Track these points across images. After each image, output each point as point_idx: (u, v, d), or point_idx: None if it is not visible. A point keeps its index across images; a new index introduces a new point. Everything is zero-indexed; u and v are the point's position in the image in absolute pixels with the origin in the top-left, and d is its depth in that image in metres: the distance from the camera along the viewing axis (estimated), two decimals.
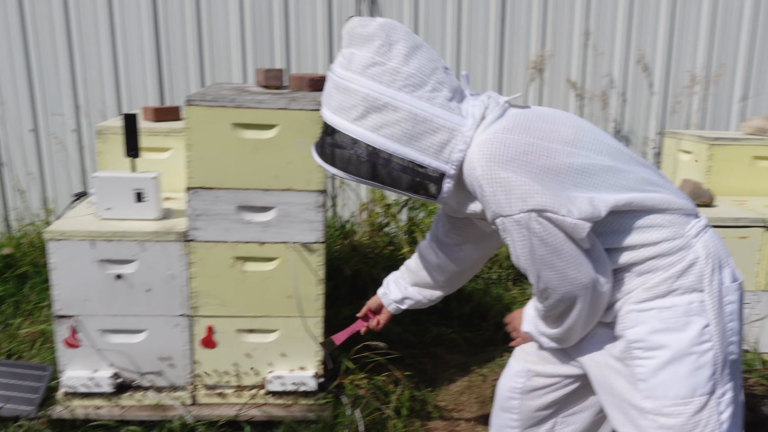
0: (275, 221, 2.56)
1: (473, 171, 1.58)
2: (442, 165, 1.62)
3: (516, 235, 1.58)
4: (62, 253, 2.51)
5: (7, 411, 2.63)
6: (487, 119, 1.64)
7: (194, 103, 2.42)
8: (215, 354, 2.68)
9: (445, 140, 1.60)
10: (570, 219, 1.53)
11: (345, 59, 1.62)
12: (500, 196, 1.55)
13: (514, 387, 2.00)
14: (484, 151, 1.57)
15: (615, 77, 4.66)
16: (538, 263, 1.60)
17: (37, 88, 4.35)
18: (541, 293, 1.68)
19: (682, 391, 1.62)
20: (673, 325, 1.63)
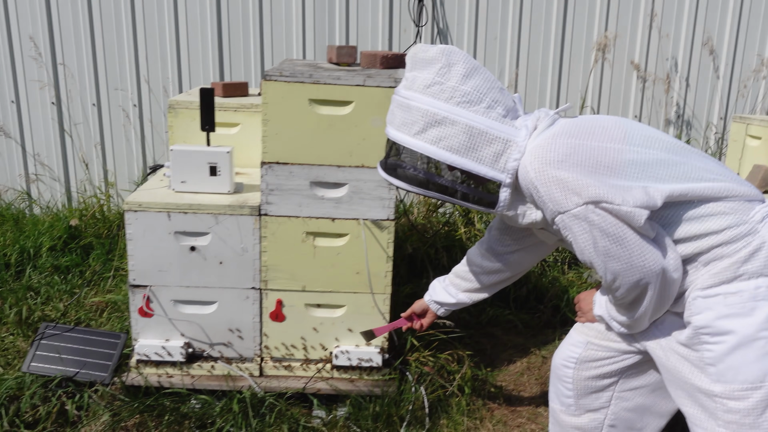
0: (347, 197, 2.57)
1: (527, 174, 1.67)
2: (498, 174, 1.72)
3: (577, 229, 1.64)
4: (139, 224, 2.56)
5: (83, 376, 2.71)
6: (538, 129, 1.73)
7: (272, 78, 2.43)
8: (283, 327, 2.72)
9: (501, 150, 1.70)
10: (625, 207, 1.57)
11: (408, 81, 1.76)
12: (556, 194, 1.62)
13: (569, 356, 2.03)
14: (536, 154, 1.66)
15: (679, 60, 4.56)
16: (602, 255, 1.65)
17: (100, 63, 4.42)
18: (609, 285, 1.72)
19: (752, 376, 1.63)
20: (740, 311, 1.64)
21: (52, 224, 4.11)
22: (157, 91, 4.48)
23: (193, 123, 3.04)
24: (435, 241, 3.93)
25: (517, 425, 2.79)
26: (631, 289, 1.68)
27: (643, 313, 1.75)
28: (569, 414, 2.06)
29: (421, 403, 2.71)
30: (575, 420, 2.05)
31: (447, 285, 2.38)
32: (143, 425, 2.58)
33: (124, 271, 3.74)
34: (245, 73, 4.47)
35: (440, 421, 2.72)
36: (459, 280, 2.34)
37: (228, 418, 2.55)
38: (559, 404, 2.09)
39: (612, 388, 2.00)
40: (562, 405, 2.08)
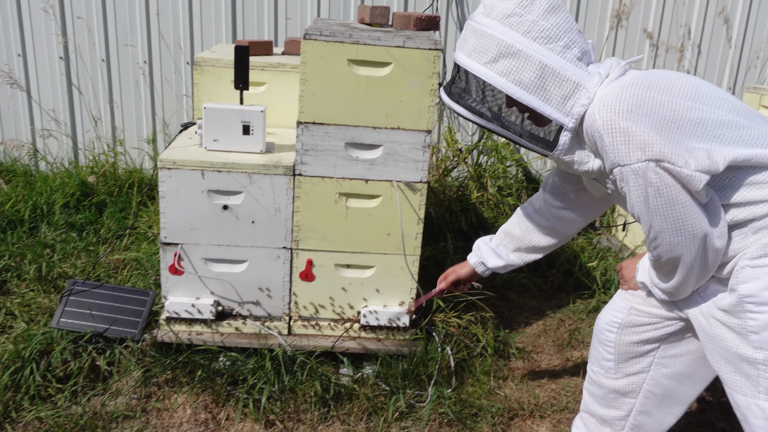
0: (381, 159, 2.58)
1: (594, 122, 1.64)
2: (562, 117, 1.69)
3: (633, 184, 1.63)
4: (173, 181, 2.55)
5: (113, 332, 2.72)
6: (610, 77, 1.70)
7: (312, 37, 2.41)
8: (312, 287, 2.75)
9: (569, 93, 1.67)
10: (686, 170, 1.57)
11: (486, 8, 1.71)
12: (620, 146, 1.60)
13: (612, 320, 2.05)
14: (605, 102, 1.63)
15: (692, 29, 4.58)
16: (651, 213, 1.64)
17: (110, 17, 4.34)
18: (651, 242, 1.73)
19: None
20: None
21: (64, 181, 4.08)
22: (167, 48, 4.41)
23: (219, 81, 3.02)
24: (450, 205, 3.96)
25: (538, 385, 2.86)
26: (670, 249, 1.69)
27: (684, 278, 1.75)
28: (608, 377, 2.09)
29: (447, 362, 2.76)
30: (614, 383, 2.08)
31: (497, 245, 2.37)
32: (174, 381, 2.61)
33: (141, 229, 3.74)
34: (258, 32, 4.41)
35: (466, 380, 2.78)
36: (509, 240, 2.33)
37: (260, 375, 2.59)
38: (598, 367, 2.11)
39: (653, 354, 2.02)
40: (601, 368, 2.10)
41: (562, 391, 2.82)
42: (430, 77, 2.48)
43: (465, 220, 3.90)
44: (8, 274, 3.25)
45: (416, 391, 2.65)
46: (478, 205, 4.16)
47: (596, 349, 2.12)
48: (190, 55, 4.44)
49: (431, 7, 4.38)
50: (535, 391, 2.80)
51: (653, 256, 1.77)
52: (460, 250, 3.77)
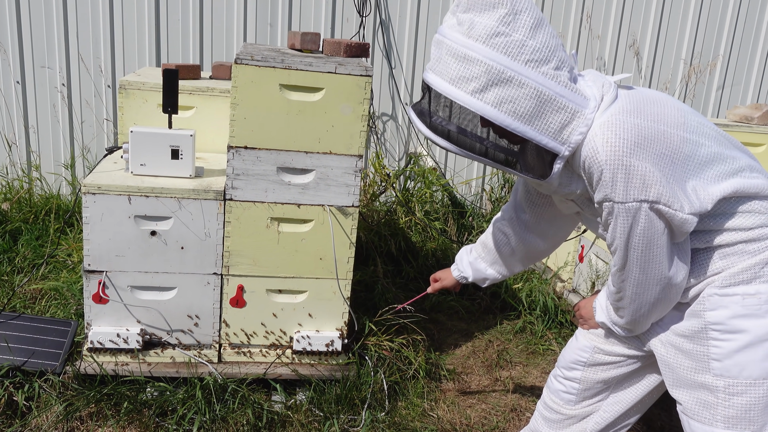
0: (313, 183, 2.59)
1: (595, 155, 1.55)
2: (558, 146, 1.58)
3: (621, 220, 1.59)
4: (97, 207, 2.48)
5: (32, 365, 2.60)
6: (605, 101, 1.60)
7: (243, 62, 2.41)
8: (243, 313, 2.71)
9: (566, 121, 1.56)
10: (681, 214, 1.55)
11: (464, 26, 1.52)
12: (619, 183, 1.54)
13: (578, 359, 2.04)
14: (609, 135, 1.54)
15: (606, 60, 4.82)
16: (630, 249, 1.62)
17: (26, 39, 4.19)
18: (618, 274, 1.71)
19: (756, 373, 1.65)
20: (756, 312, 1.65)
21: None
22: (87, 70, 4.29)
23: (144, 105, 2.96)
24: (379, 229, 3.99)
25: (469, 405, 2.90)
26: (636, 285, 1.69)
27: (644, 314, 1.75)
28: (567, 407, 2.09)
29: (380, 386, 2.77)
30: (571, 411, 2.08)
31: (475, 259, 2.28)
32: (99, 415, 2.50)
33: (60, 257, 3.59)
34: (183, 56, 4.36)
35: (398, 403, 2.79)
36: (486, 252, 2.24)
37: (190, 405, 2.52)
38: (557, 398, 2.10)
39: (608, 388, 2.04)
40: (561, 399, 2.09)
41: (492, 411, 2.87)
42: (361, 103, 2.52)
43: (394, 244, 3.94)
44: None
45: (350, 416, 2.64)
46: (406, 230, 4.21)
47: (559, 382, 2.10)
48: (111, 78, 4.33)
49: (357, 34, 4.44)
50: (467, 412, 2.83)
51: (615, 288, 1.76)
52: (389, 274, 3.80)
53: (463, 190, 4.82)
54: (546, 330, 3.56)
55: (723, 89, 5.02)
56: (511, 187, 4.71)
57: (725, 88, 5.02)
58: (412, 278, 3.96)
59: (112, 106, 4.37)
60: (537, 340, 3.49)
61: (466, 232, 4.49)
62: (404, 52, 4.56)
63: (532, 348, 3.43)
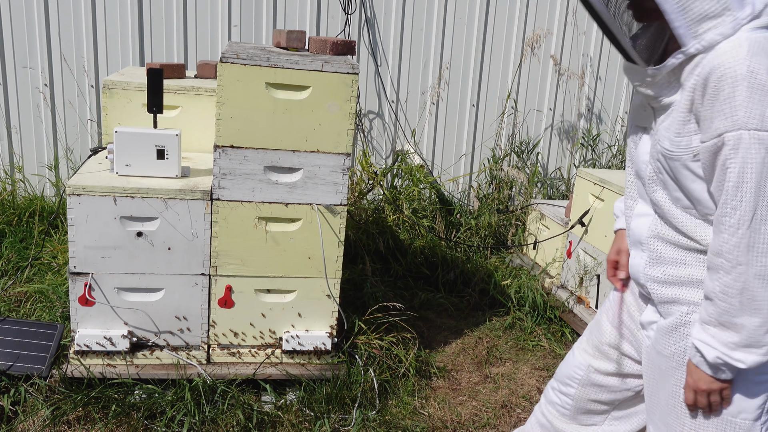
0: (301, 182, 2.57)
1: (735, 66, 1.32)
2: (687, 37, 1.38)
3: (753, 155, 1.33)
4: (82, 208, 2.45)
5: (17, 369, 2.56)
6: (762, 19, 1.39)
7: (229, 60, 2.39)
8: (232, 313, 2.69)
9: (712, 13, 1.36)
10: None
11: None
12: (755, 106, 1.31)
13: (573, 376, 1.97)
14: (757, 51, 1.32)
15: (592, 55, 4.83)
16: (761, 197, 1.34)
17: (7, 38, 4.14)
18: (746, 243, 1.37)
19: (728, 408, 1.54)
20: None
21: None
22: (70, 70, 4.24)
23: (129, 105, 2.93)
24: (367, 227, 3.98)
25: (459, 402, 2.90)
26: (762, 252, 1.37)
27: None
28: (563, 421, 2.03)
29: (370, 384, 2.76)
30: (566, 427, 2.03)
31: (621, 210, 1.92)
32: (87, 418, 2.48)
33: (45, 259, 3.55)
34: (167, 55, 4.32)
35: (389, 401, 2.78)
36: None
37: (179, 406, 2.50)
38: (554, 409, 2.04)
39: (607, 413, 1.98)
40: (557, 411, 2.04)
41: (483, 408, 2.87)
42: (348, 101, 2.51)
43: (382, 242, 3.93)
44: None
45: (341, 415, 2.63)
46: (394, 227, 4.20)
47: (555, 394, 2.04)
48: (94, 77, 4.28)
49: (343, 32, 4.43)
50: (457, 409, 2.83)
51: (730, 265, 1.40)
52: (378, 272, 3.79)
53: (451, 188, 4.82)
54: (535, 326, 3.57)
55: None
56: (498, 184, 4.71)
57: None
58: (400, 276, 3.95)
59: (95, 106, 4.32)
60: (526, 336, 3.49)
61: (454, 229, 4.49)
62: (390, 50, 4.55)
63: (522, 344, 3.44)
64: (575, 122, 4.95)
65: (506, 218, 4.55)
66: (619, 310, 1.86)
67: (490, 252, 4.37)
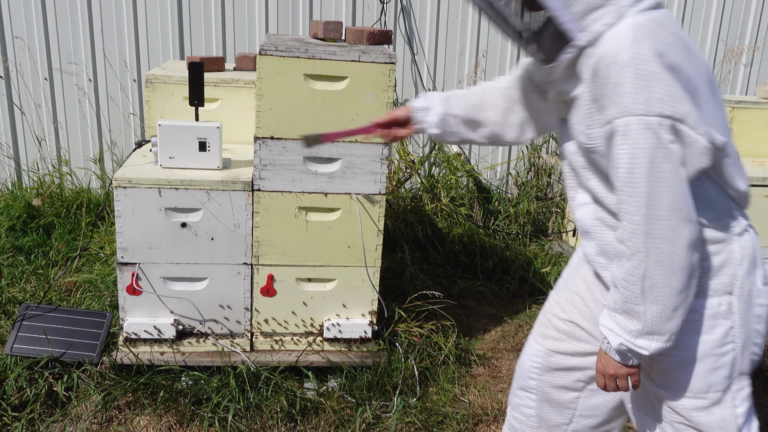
0: (340, 172, 2.60)
1: (619, 54, 1.33)
2: (575, 30, 1.39)
3: (642, 141, 1.33)
4: (128, 200, 2.52)
5: (70, 356, 2.66)
6: (644, 3, 1.40)
7: (267, 53, 2.42)
8: (274, 302, 2.74)
9: (595, 5, 1.37)
10: (703, 140, 1.35)
11: None
12: (641, 91, 1.31)
13: (532, 366, 1.89)
14: (640, 36, 1.33)
15: None
16: (654, 182, 1.35)
17: (53, 36, 4.25)
18: (643, 229, 1.38)
19: (697, 387, 1.57)
20: (698, 328, 1.54)
21: (9, 204, 3.95)
22: (113, 65, 4.34)
23: (171, 98, 2.99)
24: (405, 216, 4.00)
25: (500, 390, 2.91)
26: (664, 238, 1.37)
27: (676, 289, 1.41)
28: (530, 427, 1.95)
29: (411, 372, 2.79)
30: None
31: (448, 103, 1.90)
32: (136, 404, 2.56)
33: (93, 250, 3.66)
34: (206, 48, 4.38)
35: (430, 389, 2.81)
36: (463, 107, 1.90)
37: (224, 393, 2.56)
38: (519, 413, 1.97)
39: (574, 405, 1.89)
40: (522, 415, 1.96)
41: None
42: (386, 90, 2.52)
43: (420, 231, 3.94)
44: None
45: (382, 402, 2.66)
46: (432, 216, 4.21)
47: (517, 395, 1.97)
48: (136, 72, 4.37)
49: (379, 21, 4.43)
50: (498, 397, 2.84)
51: (630, 252, 1.41)
52: (417, 260, 3.81)
53: (489, 176, 4.80)
54: None
55: (752, 66, 4.92)
56: (537, 171, 4.68)
57: (753, 65, 4.92)
58: (439, 264, 3.96)
59: (138, 99, 4.42)
60: None
61: (492, 217, 4.47)
62: (426, 38, 4.54)
63: None
64: None
65: (545, 205, 4.52)
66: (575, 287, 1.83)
67: (529, 239, 4.35)
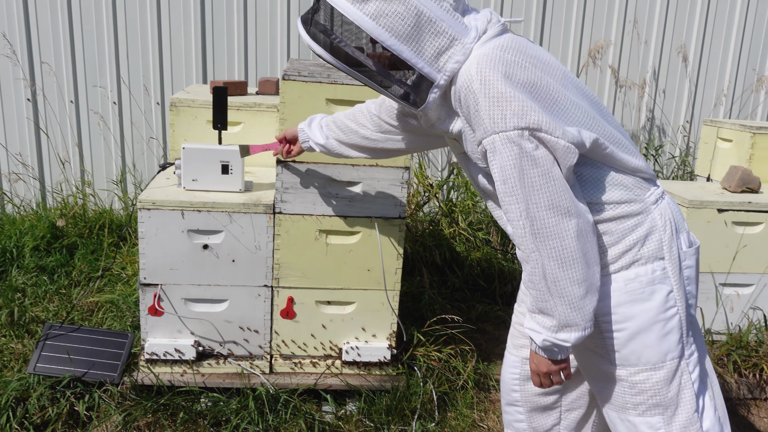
0: (360, 196, 2.62)
1: (470, 84, 1.50)
2: (433, 72, 1.53)
3: (507, 154, 1.49)
4: (152, 222, 2.55)
5: (91, 376, 2.68)
6: (487, 33, 1.55)
7: (290, 77, 2.46)
8: (293, 325, 2.75)
9: (444, 47, 1.52)
10: (563, 141, 1.49)
11: None
12: (495, 111, 1.47)
13: (512, 378, 2.00)
14: (484, 64, 1.49)
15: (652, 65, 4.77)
16: (527, 188, 1.49)
17: (79, 59, 4.34)
18: (530, 231, 1.52)
19: (654, 357, 1.64)
20: (639, 296, 1.63)
21: (33, 224, 4.02)
22: (137, 88, 4.42)
23: (194, 121, 3.04)
24: (424, 239, 4.01)
25: None
26: (549, 236, 1.50)
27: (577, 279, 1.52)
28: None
29: (429, 396, 2.78)
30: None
31: (325, 125, 2.10)
32: (156, 424, 2.57)
33: (115, 270, 3.70)
34: (228, 72, 4.45)
35: (448, 414, 2.79)
36: (337, 129, 2.07)
37: (244, 415, 2.57)
38: (513, 430, 2.07)
39: (558, 404, 1.99)
40: (516, 430, 2.06)
41: None
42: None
43: (439, 255, 3.95)
44: None
45: (401, 427, 2.65)
46: (450, 240, 4.22)
47: (507, 412, 2.08)
48: (160, 95, 4.45)
49: None
50: None
51: (526, 254, 1.55)
52: (435, 284, 3.81)
53: None
54: None
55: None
56: None
57: None
58: (457, 288, 3.96)
59: (161, 122, 4.49)
60: None
61: (510, 242, 4.47)
62: None
63: None
64: (636, 133, 4.88)
65: None
66: None
67: None
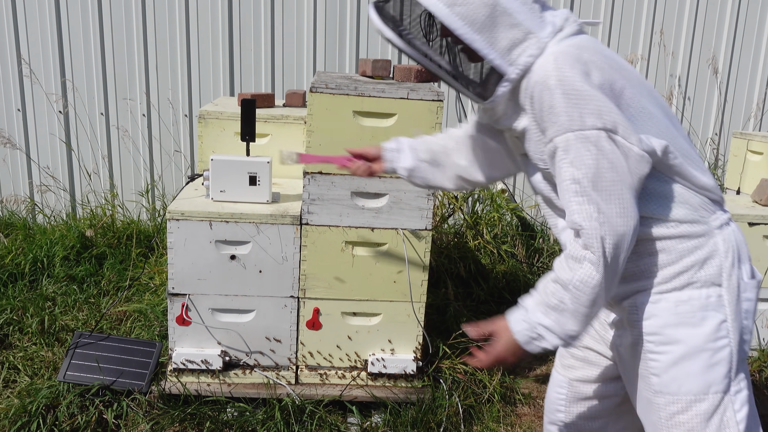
0: (387, 208, 2.63)
1: (546, 79, 1.45)
2: (505, 66, 1.48)
3: (584, 153, 1.43)
4: (181, 232, 2.58)
5: (120, 385, 2.71)
6: (564, 31, 1.51)
7: (318, 90, 2.48)
8: (319, 335, 2.76)
9: (519, 40, 1.47)
10: (637, 149, 1.44)
11: None
12: (573, 109, 1.42)
13: (557, 398, 1.95)
14: (562, 61, 1.45)
15: (680, 75, 4.73)
16: (602, 190, 1.42)
17: (110, 73, 4.42)
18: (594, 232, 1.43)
19: (696, 387, 1.55)
20: (689, 320, 1.55)
21: (63, 234, 4.08)
22: (166, 101, 4.48)
23: (222, 133, 3.07)
24: (449, 252, 4.00)
25: None
26: (616, 244, 1.44)
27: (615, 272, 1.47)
28: None
29: (455, 409, 2.76)
30: None
31: (417, 149, 1.94)
32: None
33: (143, 280, 3.74)
34: (255, 84, 4.50)
35: (474, 427, 2.78)
36: (430, 154, 1.93)
37: (270, 425, 2.57)
38: None
39: (604, 430, 1.94)
40: None
41: None
42: (434, 127, 2.55)
43: (464, 267, 3.93)
44: (10, 327, 3.23)
45: None
46: (475, 252, 4.20)
47: (549, 430, 2.03)
48: (188, 108, 4.51)
49: None
50: None
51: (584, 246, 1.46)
52: (460, 296, 3.79)
53: (534, 212, 4.79)
54: None
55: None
56: None
57: None
58: (482, 300, 3.94)
59: (188, 134, 4.55)
60: None
61: (536, 255, 4.44)
62: None
63: None
64: None
65: None
66: None
67: None
